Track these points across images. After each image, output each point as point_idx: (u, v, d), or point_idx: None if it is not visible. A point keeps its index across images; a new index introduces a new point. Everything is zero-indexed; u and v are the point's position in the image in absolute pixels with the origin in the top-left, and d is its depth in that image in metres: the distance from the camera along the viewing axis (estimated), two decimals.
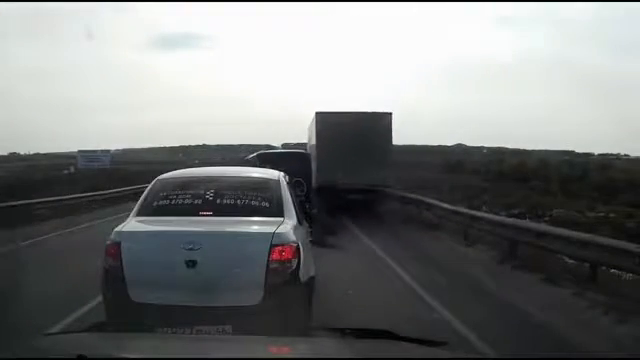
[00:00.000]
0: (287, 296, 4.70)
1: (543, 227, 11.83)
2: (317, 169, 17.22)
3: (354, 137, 17.85)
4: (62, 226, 16.80)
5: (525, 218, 17.44)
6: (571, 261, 9.88)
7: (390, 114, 17.10)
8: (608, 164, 52.57)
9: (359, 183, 17.21)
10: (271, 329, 3.41)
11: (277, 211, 5.37)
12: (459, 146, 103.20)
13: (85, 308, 6.76)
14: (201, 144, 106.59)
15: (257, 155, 17.12)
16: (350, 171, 16.88)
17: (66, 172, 48.68)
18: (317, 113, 19.76)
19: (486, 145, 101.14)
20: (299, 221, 5.66)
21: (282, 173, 6.24)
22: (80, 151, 65.58)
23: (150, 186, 5.81)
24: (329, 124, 18.69)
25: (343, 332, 2.85)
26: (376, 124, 18.90)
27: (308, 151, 19.53)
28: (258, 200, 5.48)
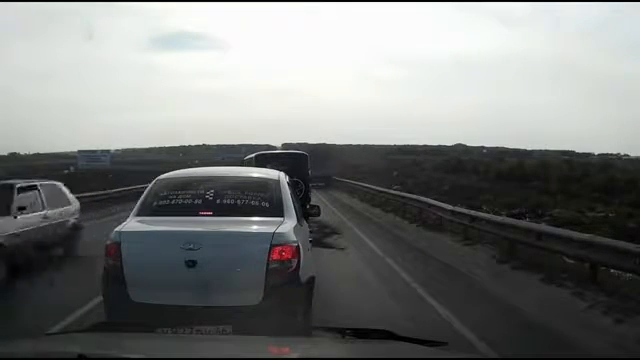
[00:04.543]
0: (287, 296, 4.70)
1: (543, 227, 11.83)
2: None
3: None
4: None
5: (525, 218, 17.43)
6: (571, 261, 9.87)
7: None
8: (608, 164, 52.54)
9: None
10: (271, 329, 3.41)
11: (277, 211, 5.36)
12: (459, 146, 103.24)
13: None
14: (201, 144, 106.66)
15: (255, 156, 17.17)
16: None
17: (66, 172, 48.61)
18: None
19: (486, 145, 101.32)
20: (299, 221, 5.65)
21: (282, 173, 6.24)
22: (80, 151, 65.71)
23: (150, 186, 5.80)
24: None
25: (343, 332, 2.84)
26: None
27: None
28: (258, 200, 5.48)
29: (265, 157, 16.51)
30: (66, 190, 11.81)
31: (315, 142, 61.39)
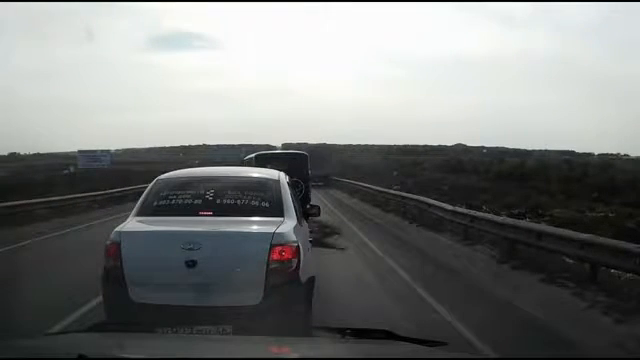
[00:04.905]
0: (287, 296, 4.70)
1: (543, 227, 11.83)
2: None
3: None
4: (63, 226, 16.81)
5: (525, 218, 17.42)
6: (571, 261, 9.87)
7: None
8: (608, 164, 52.54)
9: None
10: (271, 329, 3.41)
11: (277, 211, 5.36)
12: (459, 146, 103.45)
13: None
14: (201, 144, 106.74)
15: (255, 156, 17.17)
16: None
17: (66, 172, 48.63)
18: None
19: (486, 145, 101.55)
20: (299, 221, 5.65)
21: (282, 173, 6.23)
22: (80, 151, 65.75)
23: (150, 186, 5.79)
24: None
25: (343, 332, 2.84)
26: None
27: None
28: (258, 200, 5.47)
29: (265, 157, 16.50)
30: None
31: (315, 142, 62.27)
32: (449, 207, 15.69)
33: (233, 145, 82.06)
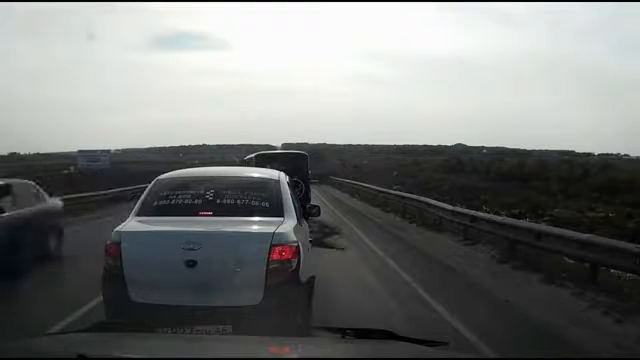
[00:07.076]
0: (287, 296, 4.70)
1: (543, 227, 11.83)
2: None
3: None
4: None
5: (525, 218, 17.42)
6: (571, 261, 9.87)
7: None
8: (608, 164, 52.55)
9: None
10: (271, 329, 3.41)
11: (277, 211, 5.36)
12: (459, 146, 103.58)
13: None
14: (201, 144, 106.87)
15: (255, 156, 17.16)
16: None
17: (66, 172, 48.63)
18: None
19: (486, 145, 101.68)
20: (299, 221, 5.65)
21: (282, 173, 6.23)
22: (80, 151, 65.68)
23: (150, 186, 5.80)
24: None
25: (343, 332, 2.84)
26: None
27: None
28: (258, 200, 5.47)
29: (265, 157, 16.50)
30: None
31: (315, 142, 62.64)
32: (449, 207, 15.71)
33: (233, 145, 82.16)
